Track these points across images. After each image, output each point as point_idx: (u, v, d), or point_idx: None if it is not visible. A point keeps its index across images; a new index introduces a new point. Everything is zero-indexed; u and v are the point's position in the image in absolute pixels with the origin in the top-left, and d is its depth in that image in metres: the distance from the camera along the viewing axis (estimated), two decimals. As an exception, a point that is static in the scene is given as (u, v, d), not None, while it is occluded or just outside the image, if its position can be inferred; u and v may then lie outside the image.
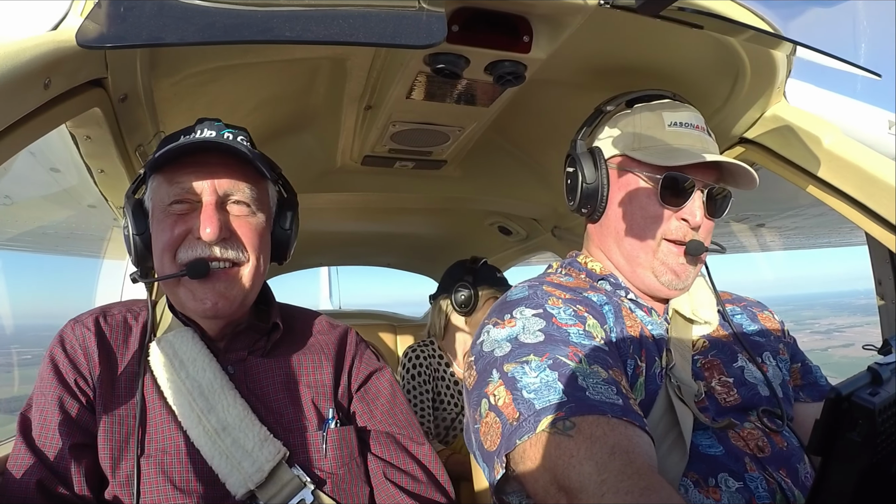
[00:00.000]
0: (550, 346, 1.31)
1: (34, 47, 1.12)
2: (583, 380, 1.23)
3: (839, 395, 0.70)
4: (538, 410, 1.19)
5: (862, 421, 0.68)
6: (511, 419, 1.22)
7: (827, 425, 0.71)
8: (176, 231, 1.45)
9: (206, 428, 1.42)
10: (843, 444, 0.70)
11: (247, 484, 1.39)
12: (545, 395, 1.21)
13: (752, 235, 4.17)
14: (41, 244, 4.04)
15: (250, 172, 1.52)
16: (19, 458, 1.34)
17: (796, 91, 1.89)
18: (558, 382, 1.22)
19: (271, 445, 1.45)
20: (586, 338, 1.35)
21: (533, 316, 1.40)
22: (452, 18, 1.50)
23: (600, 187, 1.62)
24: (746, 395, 1.48)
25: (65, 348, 1.46)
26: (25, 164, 2.07)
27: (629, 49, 1.83)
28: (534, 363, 1.27)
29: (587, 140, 1.73)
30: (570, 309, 1.43)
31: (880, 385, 0.73)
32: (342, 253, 5.15)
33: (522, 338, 1.35)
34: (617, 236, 1.61)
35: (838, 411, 0.70)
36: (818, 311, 56.66)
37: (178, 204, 1.46)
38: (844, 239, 4.60)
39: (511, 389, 1.26)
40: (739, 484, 1.29)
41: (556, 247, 3.47)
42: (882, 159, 1.64)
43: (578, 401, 1.18)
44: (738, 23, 1.49)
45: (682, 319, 1.60)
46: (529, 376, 1.25)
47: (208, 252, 1.45)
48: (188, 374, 1.47)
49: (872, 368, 0.75)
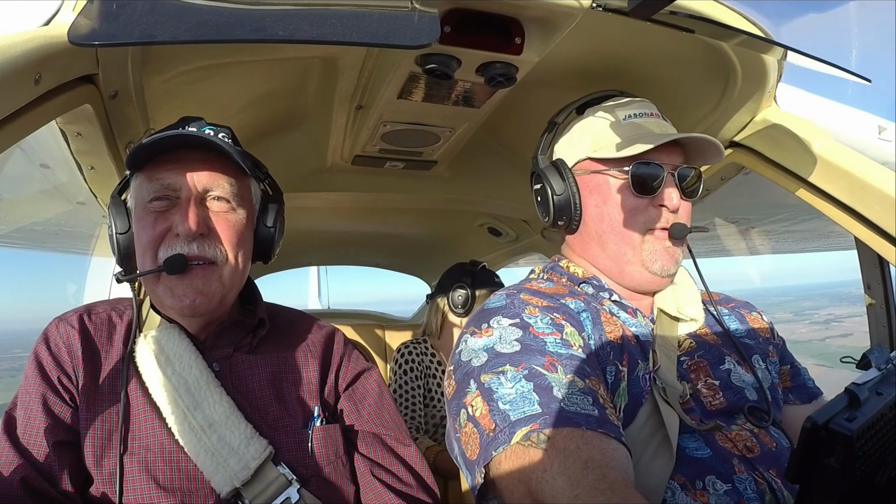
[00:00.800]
0: (526, 355, 1.30)
1: (25, 42, 1.11)
2: (558, 390, 1.22)
3: (815, 425, 0.70)
4: (513, 422, 1.18)
5: (839, 447, 0.68)
6: (487, 430, 1.22)
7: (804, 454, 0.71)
8: (157, 229, 1.45)
9: (191, 425, 1.42)
10: (822, 471, 0.70)
11: (232, 482, 1.39)
12: (520, 407, 1.20)
13: (741, 239, 4.18)
14: (30, 241, 4.02)
15: (231, 168, 1.51)
16: (4, 456, 1.33)
17: (787, 95, 1.89)
18: (533, 393, 1.22)
19: (257, 443, 1.44)
20: (563, 346, 1.35)
21: (510, 326, 1.40)
22: (445, 19, 1.50)
23: (571, 196, 1.63)
24: (732, 398, 1.48)
25: (49, 346, 1.45)
26: (15, 160, 2.06)
27: (620, 52, 1.84)
28: (510, 373, 1.27)
29: (547, 154, 1.75)
30: (547, 317, 1.42)
31: (858, 408, 0.72)
32: (331, 253, 5.14)
33: (499, 347, 1.35)
34: (600, 241, 1.62)
35: (815, 440, 0.70)
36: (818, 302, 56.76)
37: (157, 201, 1.45)
38: (833, 243, 4.61)
39: (487, 401, 1.26)
40: (728, 486, 1.28)
41: (546, 248, 3.48)
42: (871, 164, 1.65)
43: (553, 412, 1.18)
44: (729, 27, 1.49)
45: (667, 318, 1.59)
46: (505, 387, 1.25)
47: (186, 249, 1.43)
48: (174, 370, 1.47)
49: (850, 391, 0.74)
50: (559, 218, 1.65)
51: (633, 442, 1.32)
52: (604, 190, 1.60)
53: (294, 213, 1.74)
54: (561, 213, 1.65)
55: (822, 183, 1.72)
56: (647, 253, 1.55)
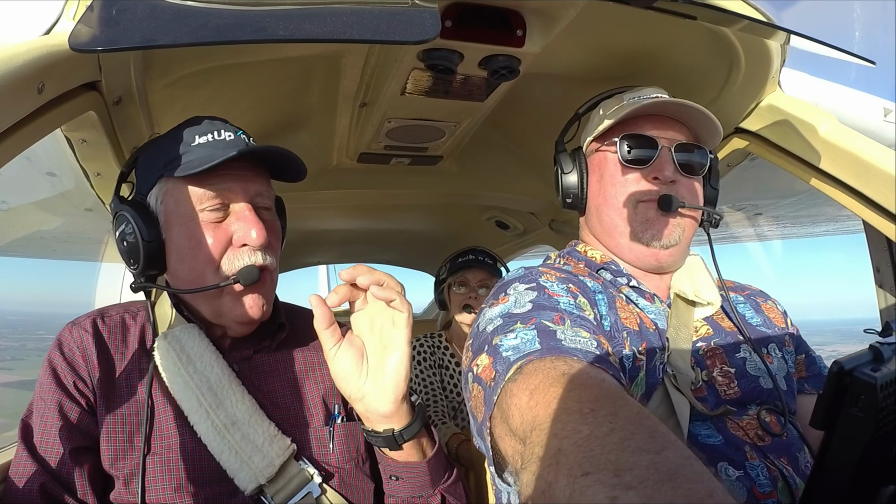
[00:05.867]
0: (537, 312, 1.30)
1: (27, 52, 1.12)
2: (562, 332, 1.20)
3: (842, 369, 0.71)
4: (511, 362, 1.14)
5: (864, 396, 0.69)
6: (488, 380, 1.19)
7: (829, 399, 0.72)
8: (218, 239, 1.44)
9: (214, 423, 1.41)
10: (846, 419, 0.70)
11: (257, 479, 1.39)
12: (521, 350, 1.17)
13: (749, 225, 4.16)
14: (39, 249, 4.04)
15: (266, 175, 1.54)
16: (21, 464, 1.33)
17: (791, 80, 1.88)
18: (537, 338, 1.19)
19: (281, 440, 1.45)
20: (576, 308, 1.35)
21: (525, 290, 1.41)
22: (445, 14, 1.50)
23: (579, 175, 1.68)
24: (747, 387, 1.47)
25: (62, 352, 1.44)
26: (21, 169, 2.07)
27: (622, 41, 1.83)
28: (519, 330, 1.25)
29: (570, 145, 1.78)
30: (563, 285, 1.44)
31: (882, 363, 0.73)
32: (340, 251, 5.15)
33: (513, 310, 1.34)
34: (598, 213, 1.65)
35: (840, 385, 0.71)
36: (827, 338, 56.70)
37: (213, 211, 1.45)
38: (842, 227, 4.59)
39: (492, 355, 1.23)
40: (740, 472, 1.28)
41: (554, 240, 3.48)
42: (878, 147, 1.64)
43: (552, 347, 1.15)
44: (730, 13, 1.48)
45: (683, 303, 1.59)
46: (510, 339, 1.23)
47: (256, 259, 1.46)
48: (196, 369, 1.46)
49: (874, 347, 0.76)
50: (567, 196, 1.70)
51: None
52: (601, 165, 1.64)
53: (302, 212, 1.76)
54: (568, 192, 1.70)
55: (828, 167, 1.71)
56: (636, 223, 1.57)
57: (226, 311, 1.49)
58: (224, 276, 1.44)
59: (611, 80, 1.82)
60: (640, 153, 1.56)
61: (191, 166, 1.40)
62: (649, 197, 1.56)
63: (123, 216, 1.47)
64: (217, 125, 1.50)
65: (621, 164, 1.58)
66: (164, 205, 1.48)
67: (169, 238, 1.49)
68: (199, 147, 1.45)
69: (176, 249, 1.48)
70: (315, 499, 1.45)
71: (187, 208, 1.45)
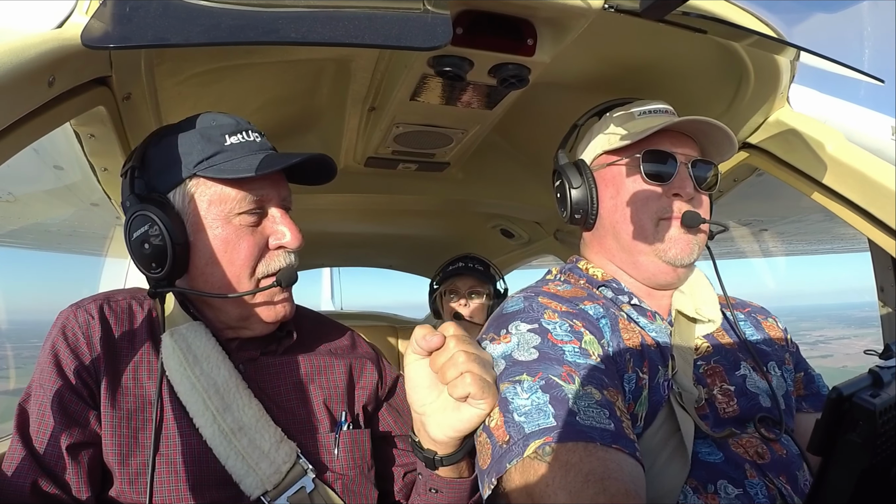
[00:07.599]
0: (544, 364, 1.28)
1: (38, 45, 1.12)
2: (574, 402, 1.20)
3: (840, 396, 0.71)
4: (527, 435, 1.16)
5: (863, 422, 0.69)
6: (501, 442, 1.19)
7: (827, 425, 0.72)
8: (256, 243, 1.44)
9: (221, 428, 1.38)
10: (844, 445, 0.70)
11: (264, 486, 1.37)
12: (535, 419, 1.18)
13: (754, 241, 4.16)
14: (43, 241, 4.04)
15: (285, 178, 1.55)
16: (16, 458, 1.27)
17: (800, 96, 1.89)
18: (549, 406, 1.19)
19: (287, 446, 1.43)
20: (582, 356, 1.33)
21: (528, 332, 1.38)
22: (457, 21, 1.50)
23: (588, 189, 1.64)
24: (746, 405, 1.46)
25: (66, 336, 1.37)
26: (29, 161, 2.07)
27: (632, 53, 1.84)
28: (526, 383, 1.24)
29: (569, 156, 1.77)
30: (566, 324, 1.40)
31: (881, 388, 0.73)
32: (344, 254, 5.14)
33: (516, 355, 1.33)
34: (614, 231, 1.62)
35: (839, 411, 0.71)
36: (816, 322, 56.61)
37: (250, 214, 1.43)
38: (847, 245, 4.59)
39: (503, 411, 1.22)
40: (739, 490, 1.28)
41: (559, 250, 3.48)
42: (885, 165, 1.64)
43: (568, 426, 1.16)
44: (741, 27, 1.49)
45: (685, 321, 1.58)
46: (521, 398, 1.22)
47: (289, 260, 1.48)
48: (202, 370, 1.41)
49: (874, 371, 0.75)
50: (576, 212, 1.66)
51: (648, 446, 1.32)
52: (618, 180, 1.61)
53: (307, 214, 1.76)
54: (578, 207, 1.66)
55: (835, 184, 1.71)
56: (660, 241, 1.55)
57: (258, 312, 1.48)
58: (257, 280, 1.45)
59: (619, 91, 1.82)
60: (660, 169, 1.55)
61: (236, 170, 1.39)
62: (671, 214, 1.54)
63: (147, 216, 1.38)
64: (242, 124, 1.49)
65: (643, 179, 1.56)
66: (192, 205, 1.42)
67: (198, 240, 1.42)
68: (234, 148, 1.42)
69: (206, 252, 1.42)
70: (308, 494, 1.43)
71: (223, 211, 1.42)
